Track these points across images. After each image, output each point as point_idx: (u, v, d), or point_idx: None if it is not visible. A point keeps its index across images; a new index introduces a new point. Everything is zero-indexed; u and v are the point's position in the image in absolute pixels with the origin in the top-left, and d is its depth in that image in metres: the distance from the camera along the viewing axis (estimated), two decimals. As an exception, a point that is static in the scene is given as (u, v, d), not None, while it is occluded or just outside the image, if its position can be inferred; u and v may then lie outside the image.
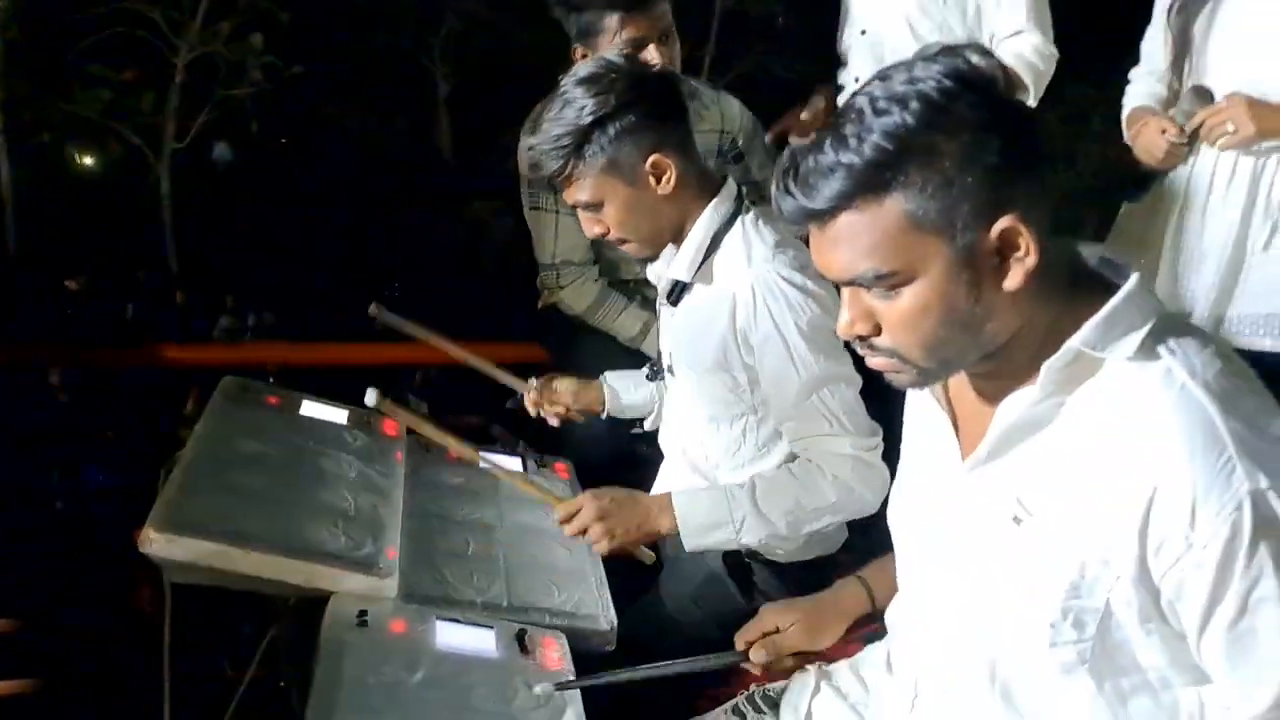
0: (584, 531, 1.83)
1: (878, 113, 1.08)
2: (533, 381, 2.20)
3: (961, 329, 1.14)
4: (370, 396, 1.82)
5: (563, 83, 1.78)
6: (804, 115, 2.70)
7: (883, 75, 1.11)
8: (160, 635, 1.72)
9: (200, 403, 2.17)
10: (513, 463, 2.21)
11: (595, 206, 1.81)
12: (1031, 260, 1.11)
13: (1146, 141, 2.34)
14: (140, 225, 4.67)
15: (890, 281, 1.12)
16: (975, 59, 1.10)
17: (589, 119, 1.73)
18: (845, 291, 1.18)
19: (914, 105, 1.07)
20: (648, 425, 2.21)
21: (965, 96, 1.08)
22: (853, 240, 1.12)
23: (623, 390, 2.19)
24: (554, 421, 2.21)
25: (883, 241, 1.10)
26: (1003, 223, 1.09)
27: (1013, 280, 1.12)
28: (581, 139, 1.74)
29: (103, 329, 3.75)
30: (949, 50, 1.10)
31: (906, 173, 1.08)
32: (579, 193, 1.80)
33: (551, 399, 2.19)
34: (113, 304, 4.07)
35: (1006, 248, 1.11)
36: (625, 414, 2.21)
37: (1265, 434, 1.09)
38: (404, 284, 4.91)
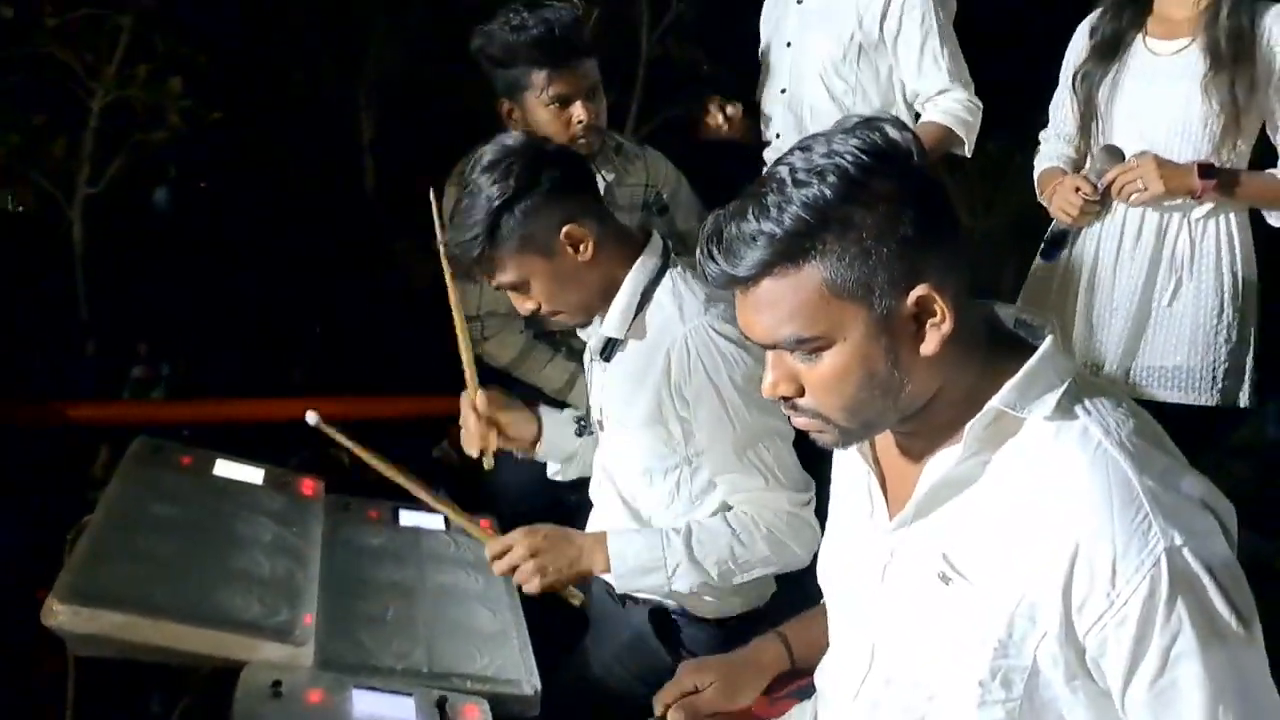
0: (514, 569, 1.83)
1: (797, 184, 1.11)
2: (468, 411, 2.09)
3: (882, 392, 1.17)
4: (311, 417, 1.86)
5: (468, 172, 1.83)
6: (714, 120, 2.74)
7: (803, 145, 1.14)
8: (63, 712, 1.65)
9: (110, 462, 2.11)
10: (434, 520, 2.18)
11: (521, 286, 1.85)
12: (947, 327, 1.14)
13: (1061, 200, 2.42)
14: (50, 272, 4.54)
15: (811, 346, 1.16)
16: (891, 132, 1.13)
17: (496, 205, 1.77)
18: (769, 354, 1.21)
19: (831, 178, 1.10)
20: (558, 477, 2.19)
21: (881, 170, 1.11)
22: (775, 306, 1.15)
23: (557, 429, 2.14)
24: (488, 456, 2.12)
25: (803, 308, 1.14)
26: (919, 290, 1.13)
27: (929, 346, 1.15)
28: (492, 226, 1.78)
29: (6, 382, 3.62)
30: (867, 123, 1.14)
31: (825, 242, 1.11)
32: (502, 276, 1.84)
33: (492, 413, 2.07)
34: (18, 355, 3.94)
35: (923, 314, 1.14)
36: (551, 455, 2.16)
37: (1177, 491, 1.12)
38: (326, 331, 4.84)
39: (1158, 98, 2.35)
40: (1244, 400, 2.40)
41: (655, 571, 1.85)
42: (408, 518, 2.16)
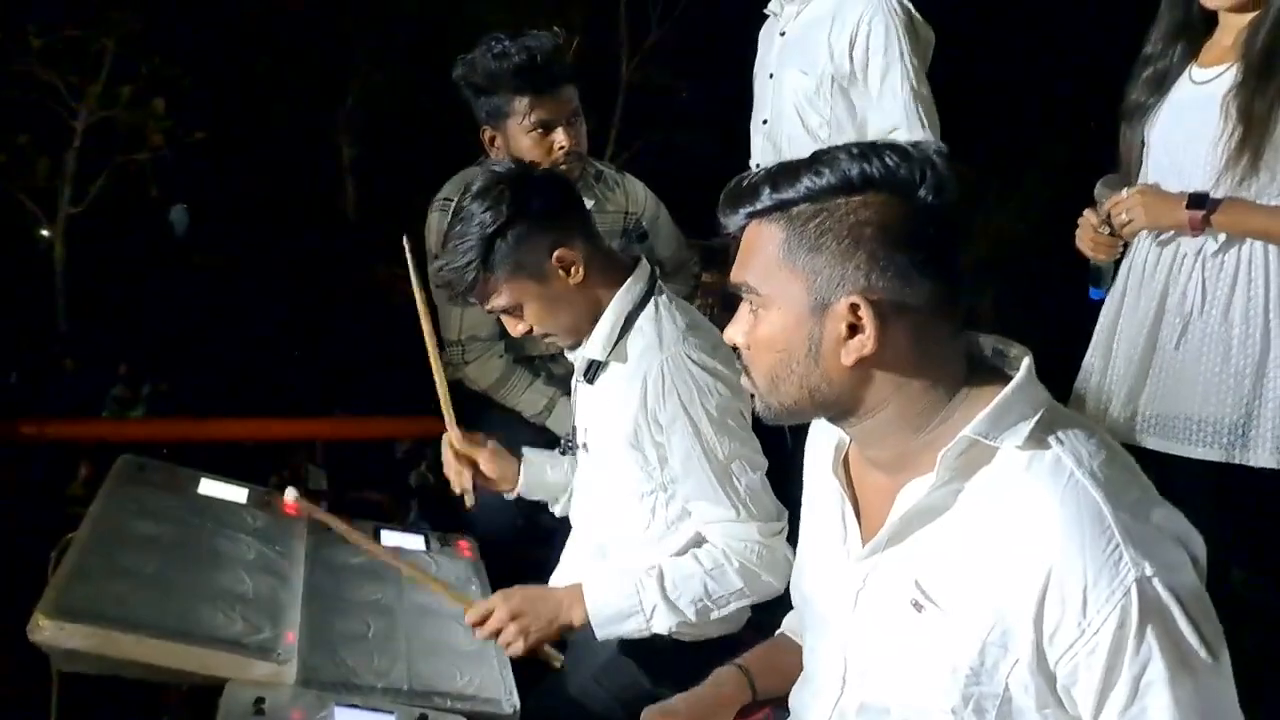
0: (497, 634, 1.85)
1: (820, 163, 1.19)
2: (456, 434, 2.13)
3: (798, 380, 1.23)
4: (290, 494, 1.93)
5: (461, 200, 1.88)
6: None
7: (857, 143, 1.22)
8: (45, 727, 1.66)
9: (90, 480, 2.12)
10: (415, 541, 2.19)
11: (514, 310, 1.90)
12: (869, 348, 1.18)
13: (1079, 233, 2.29)
14: (31, 291, 4.54)
15: (756, 301, 1.24)
16: (925, 162, 1.18)
17: (489, 231, 1.82)
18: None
19: (841, 168, 1.18)
20: (556, 511, 2.21)
21: (882, 185, 1.17)
22: (746, 250, 1.24)
23: (540, 468, 2.18)
24: (469, 494, 2.14)
25: (763, 261, 1.22)
26: (853, 298, 1.17)
27: (847, 356, 1.19)
28: (485, 252, 1.83)
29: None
30: (915, 145, 1.20)
31: (797, 209, 1.19)
32: (496, 300, 1.89)
33: (469, 451, 2.12)
34: (-2, 372, 3.93)
35: (857, 324, 1.18)
36: (535, 493, 2.19)
37: (1148, 522, 1.15)
38: (306, 352, 4.86)
39: (1188, 127, 2.18)
40: (1261, 459, 2.08)
41: (633, 616, 1.87)
42: (389, 538, 2.17)
